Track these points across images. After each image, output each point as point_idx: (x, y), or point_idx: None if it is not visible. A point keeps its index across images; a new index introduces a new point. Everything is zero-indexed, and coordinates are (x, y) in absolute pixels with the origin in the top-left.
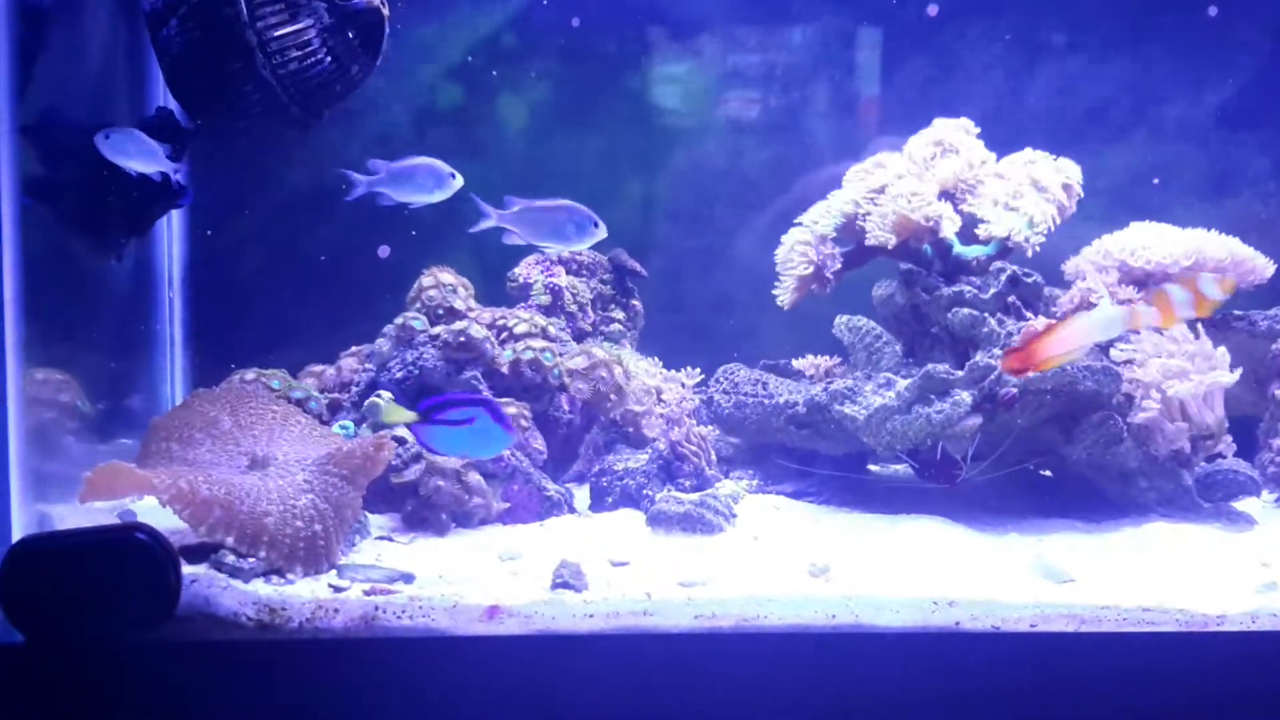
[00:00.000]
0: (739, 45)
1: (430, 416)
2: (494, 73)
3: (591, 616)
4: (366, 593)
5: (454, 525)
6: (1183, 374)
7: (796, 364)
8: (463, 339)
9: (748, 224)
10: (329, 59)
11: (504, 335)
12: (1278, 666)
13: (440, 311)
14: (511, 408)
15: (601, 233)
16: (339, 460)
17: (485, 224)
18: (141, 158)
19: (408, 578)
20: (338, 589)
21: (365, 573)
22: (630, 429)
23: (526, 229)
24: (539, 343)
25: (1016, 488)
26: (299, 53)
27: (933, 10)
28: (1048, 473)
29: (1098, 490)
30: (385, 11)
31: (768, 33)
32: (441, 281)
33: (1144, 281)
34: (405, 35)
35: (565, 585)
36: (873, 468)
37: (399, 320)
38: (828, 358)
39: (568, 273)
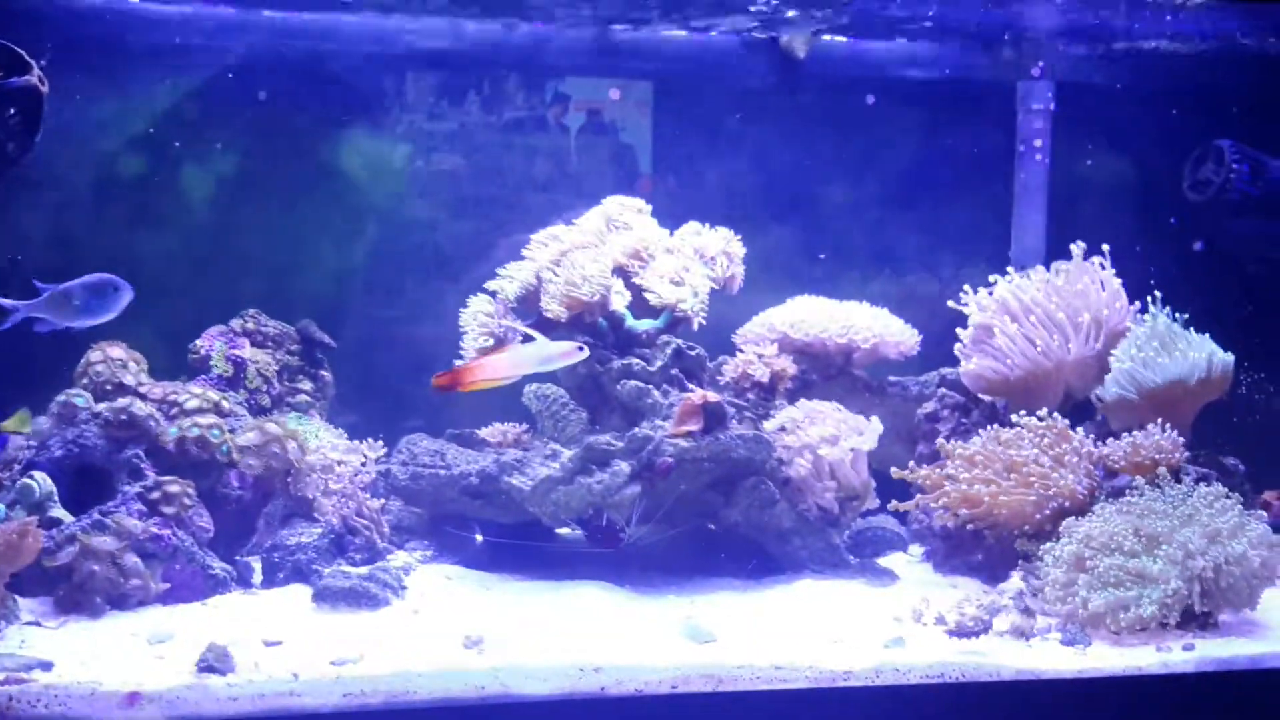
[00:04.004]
0: (431, 118)
1: None
2: (177, 144)
3: (236, 700)
4: (1, 682)
5: (109, 608)
6: (832, 439)
7: (482, 433)
8: (124, 416)
9: (443, 293)
10: None
11: (175, 411)
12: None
13: (109, 388)
14: (174, 486)
15: (125, 295)
16: None
17: (13, 320)
18: None
19: (45, 665)
20: None
21: (2, 661)
22: (306, 502)
23: (53, 313)
24: (207, 419)
25: (685, 548)
26: None
27: (615, 94)
28: (714, 526)
29: (759, 547)
30: (43, 89)
31: (460, 107)
32: (110, 357)
33: (804, 350)
34: (86, 105)
35: (210, 669)
36: (561, 530)
37: (61, 397)
38: (515, 425)
39: (253, 344)
